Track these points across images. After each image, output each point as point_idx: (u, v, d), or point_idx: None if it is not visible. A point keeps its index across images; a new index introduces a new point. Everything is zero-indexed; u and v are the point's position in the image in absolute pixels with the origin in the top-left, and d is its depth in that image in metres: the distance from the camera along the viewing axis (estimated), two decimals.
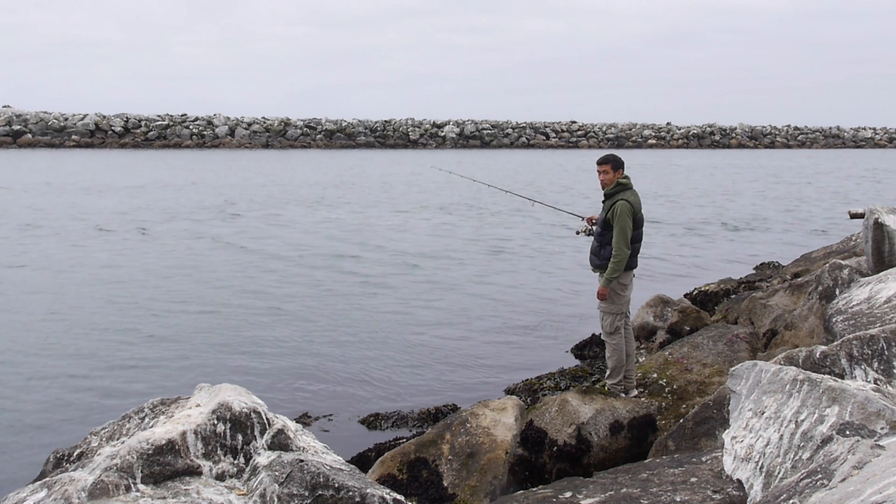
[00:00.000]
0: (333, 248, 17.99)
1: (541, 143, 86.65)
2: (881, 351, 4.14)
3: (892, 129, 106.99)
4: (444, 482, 5.37)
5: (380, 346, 10.00)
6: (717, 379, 6.75)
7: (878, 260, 7.36)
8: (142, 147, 70.29)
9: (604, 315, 6.70)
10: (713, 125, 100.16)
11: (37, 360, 9.31)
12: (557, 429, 5.99)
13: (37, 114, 72.54)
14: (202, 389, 4.08)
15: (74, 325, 10.79)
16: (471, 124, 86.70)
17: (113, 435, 4.03)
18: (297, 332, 10.55)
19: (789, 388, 3.60)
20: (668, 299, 9.68)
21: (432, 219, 24.07)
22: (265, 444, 3.70)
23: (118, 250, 17.13)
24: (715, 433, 5.06)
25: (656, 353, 8.18)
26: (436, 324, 11.14)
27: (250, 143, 74.86)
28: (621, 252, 6.42)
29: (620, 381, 6.71)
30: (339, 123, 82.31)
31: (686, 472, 4.08)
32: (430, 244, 18.79)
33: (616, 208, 6.43)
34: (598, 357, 9.06)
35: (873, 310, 5.59)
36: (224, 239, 19.13)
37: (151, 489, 3.35)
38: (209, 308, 11.83)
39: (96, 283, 13.57)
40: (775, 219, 25.04)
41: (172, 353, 9.56)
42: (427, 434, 5.75)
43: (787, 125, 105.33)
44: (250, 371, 8.91)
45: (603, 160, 6.67)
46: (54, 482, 3.37)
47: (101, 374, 8.83)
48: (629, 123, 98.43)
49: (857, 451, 2.76)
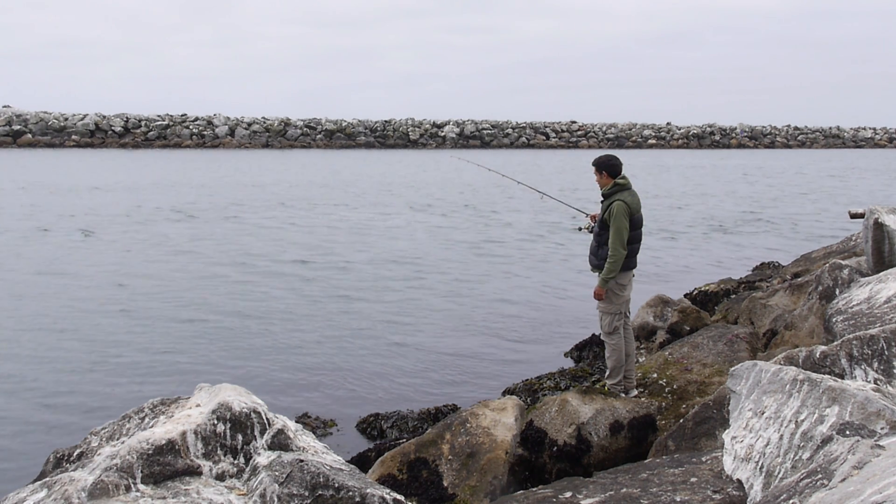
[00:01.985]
0: (334, 248, 17.99)
1: (541, 143, 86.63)
2: (881, 351, 4.14)
3: (892, 129, 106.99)
4: (444, 482, 5.37)
5: (380, 346, 10.01)
6: (717, 379, 6.74)
7: (878, 260, 7.36)
8: (142, 147, 70.27)
9: (602, 315, 6.70)
10: (713, 125, 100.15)
11: (37, 360, 9.32)
12: (557, 429, 5.99)
13: (37, 114, 72.52)
14: (202, 389, 4.08)
15: (74, 326, 10.80)
16: (471, 124, 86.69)
17: (113, 435, 4.03)
18: (297, 333, 10.55)
19: (789, 388, 3.60)
20: (668, 299, 9.68)
21: (432, 218, 24.07)
22: (265, 444, 3.70)
23: (118, 249, 17.14)
24: (715, 433, 5.06)
25: (656, 353, 8.18)
26: (436, 323, 11.14)
27: (250, 143, 74.84)
28: (617, 252, 6.41)
29: (620, 381, 6.71)
30: (339, 123, 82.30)
31: (686, 472, 4.08)
32: (429, 244, 18.79)
33: (612, 209, 6.43)
34: (598, 357, 9.06)
35: (873, 310, 5.59)
36: (224, 239, 19.13)
37: (151, 489, 3.35)
38: (209, 308, 11.83)
39: (96, 283, 13.57)
40: (775, 219, 25.04)
41: (172, 354, 9.56)
42: (427, 434, 5.75)
43: (787, 125, 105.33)
44: (250, 371, 8.92)
45: (594, 163, 6.70)
46: (54, 482, 3.37)
47: (101, 374, 8.83)
48: (629, 123, 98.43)
49: (857, 451, 2.76)
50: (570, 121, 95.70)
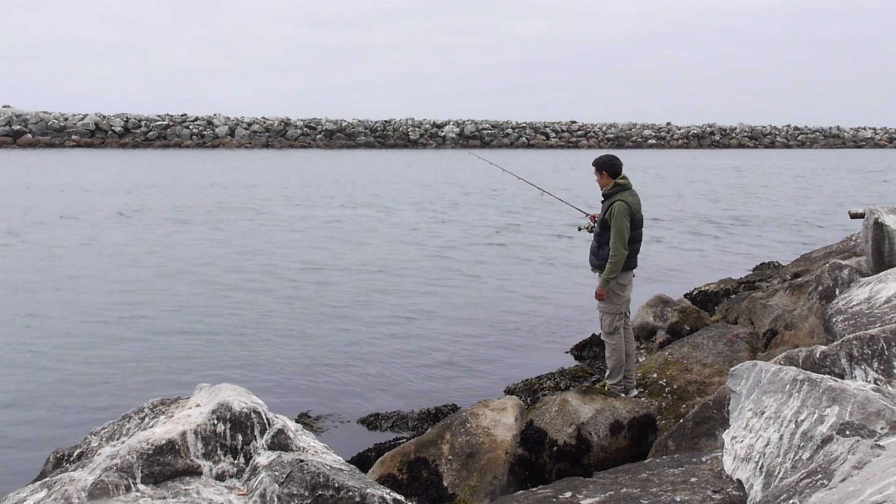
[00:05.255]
0: (334, 248, 17.99)
1: (541, 143, 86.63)
2: (881, 351, 4.15)
3: (892, 129, 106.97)
4: (444, 482, 5.37)
5: (380, 345, 10.00)
6: (717, 379, 6.74)
7: (878, 260, 7.36)
8: (142, 147, 70.26)
9: (603, 315, 6.70)
10: (713, 125, 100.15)
11: (37, 360, 9.31)
12: (557, 429, 5.99)
13: (37, 114, 72.49)
14: (202, 389, 4.08)
15: (74, 326, 10.79)
16: (471, 124, 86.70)
17: (113, 435, 4.03)
18: (297, 333, 10.55)
19: (789, 388, 3.60)
20: (668, 299, 9.68)
21: (432, 218, 24.07)
22: (265, 444, 3.70)
23: (115, 250, 17.14)
24: (715, 433, 5.06)
25: (656, 353, 8.18)
26: (436, 324, 11.14)
27: (250, 143, 74.84)
28: (618, 253, 6.42)
29: (620, 381, 6.71)
30: (339, 123, 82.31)
31: (686, 472, 4.08)
32: (429, 244, 18.78)
33: (613, 209, 6.43)
34: (598, 357, 9.06)
35: (873, 310, 5.59)
36: (225, 240, 19.13)
37: (151, 489, 3.35)
38: (209, 308, 11.83)
39: (96, 283, 13.57)
40: (776, 219, 25.04)
41: (172, 354, 9.56)
42: (427, 434, 5.75)
43: (787, 125, 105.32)
44: (250, 371, 8.91)
45: (594, 163, 6.71)
46: (54, 482, 3.37)
47: (100, 374, 8.83)
48: (629, 123, 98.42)
49: (857, 451, 2.76)
50: (570, 121, 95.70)
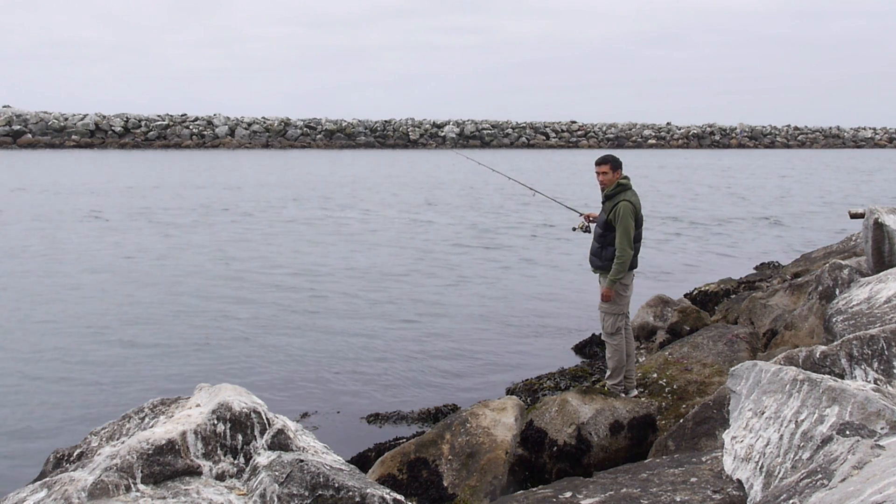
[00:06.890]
0: (334, 247, 17.99)
1: (541, 143, 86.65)
2: (881, 351, 4.15)
3: (892, 129, 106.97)
4: (444, 482, 5.37)
5: (380, 345, 10.00)
6: (717, 379, 6.74)
7: (878, 260, 7.36)
8: (142, 147, 70.26)
9: (605, 316, 6.70)
10: (713, 125, 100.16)
11: (36, 360, 9.31)
12: (557, 429, 5.99)
13: (37, 114, 72.48)
14: (202, 389, 4.08)
15: (74, 326, 10.79)
16: (471, 124, 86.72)
17: (113, 435, 4.03)
18: (297, 333, 10.55)
19: (789, 388, 3.60)
20: (668, 299, 9.68)
21: (432, 218, 24.07)
22: (265, 444, 3.69)
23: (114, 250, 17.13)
24: (715, 433, 5.06)
25: (656, 353, 8.18)
26: (436, 324, 11.14)
27: (250, 143, 74.84)
28: (625, 253, 6.42)
29: (621, 381, 6.71)
30: (339, 123, 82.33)
31: (686, 472, 4.08)
32: (429, 244, 18.79)
33: (618, 209, 6.43)
34: (598, 357, 9.05)
35: (873, 310, 5.59)
36: (225, 240, 19.13)
37: (151, 489, 3.35)
38: (209, 308, 11.83)
39: (96, 283, 13.57)
40: (775, 219, 25.04)
41: (172, 354, 9.55)
42: (427, 434, 5.75)
43: (787, 125, 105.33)
44: (250, 371, 8.91)
45: (602, 160, 6.66)
46: (54, 482, 3.37)
47: (100, 374, 8.83)
48: (629, 123, 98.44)
49: (857, 451, 2.76)
50: (570, 121, 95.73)
